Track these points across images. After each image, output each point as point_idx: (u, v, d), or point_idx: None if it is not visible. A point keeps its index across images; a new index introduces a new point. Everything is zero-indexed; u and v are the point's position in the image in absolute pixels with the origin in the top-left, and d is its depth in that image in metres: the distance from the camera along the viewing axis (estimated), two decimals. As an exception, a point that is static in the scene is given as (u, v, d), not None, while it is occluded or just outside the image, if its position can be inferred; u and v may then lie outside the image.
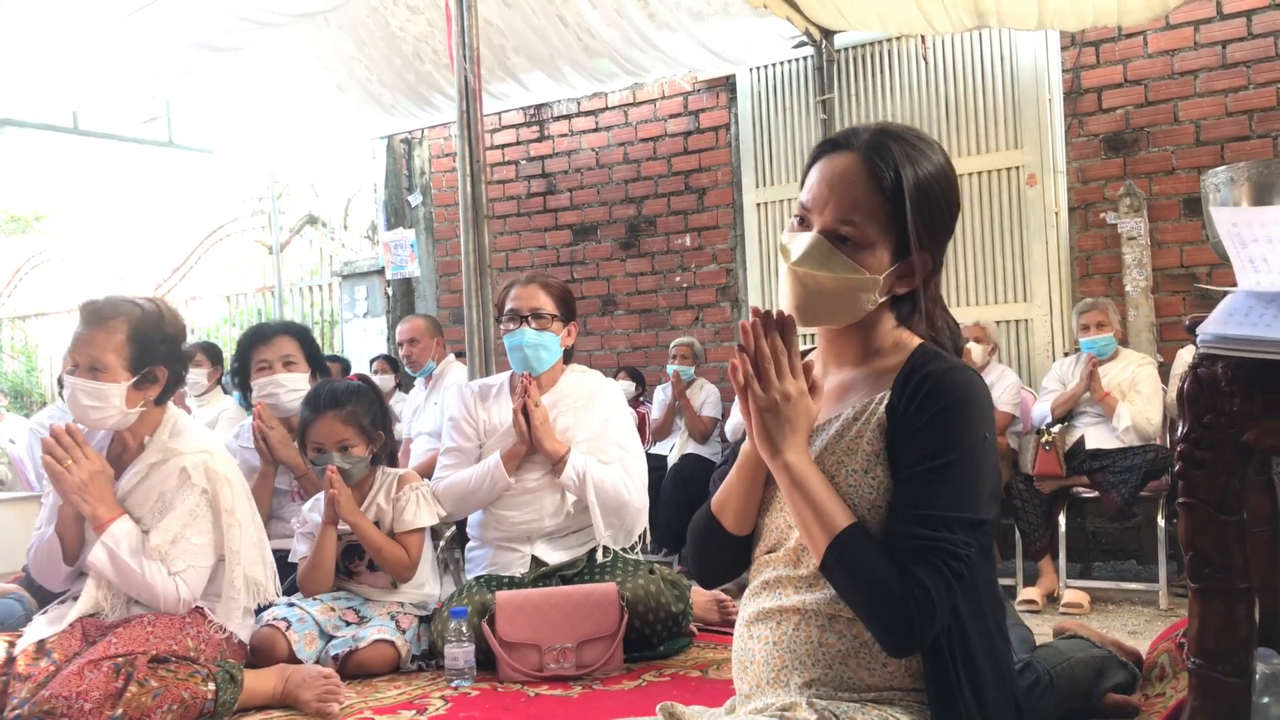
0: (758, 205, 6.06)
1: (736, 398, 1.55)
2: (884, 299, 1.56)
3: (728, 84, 6.15)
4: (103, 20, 4.74)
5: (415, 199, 7.36)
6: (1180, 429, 1.68)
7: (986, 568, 1.56)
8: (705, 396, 5.80)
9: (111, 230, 11.06)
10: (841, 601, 1.50)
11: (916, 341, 1.59)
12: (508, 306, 3.06)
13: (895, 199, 1.50)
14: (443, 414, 4.83)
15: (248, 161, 7.69)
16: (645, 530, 3.15)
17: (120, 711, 2.15)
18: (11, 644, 2.37)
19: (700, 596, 3.09)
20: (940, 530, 1.43)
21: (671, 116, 6.37)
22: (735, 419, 5.53)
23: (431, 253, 7.32)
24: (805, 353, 1.62)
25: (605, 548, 2.98)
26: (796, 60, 5.83)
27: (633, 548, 3.07)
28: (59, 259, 10.49)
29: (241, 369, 3.50)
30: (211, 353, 5.39)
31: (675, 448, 5.69)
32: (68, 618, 2.40)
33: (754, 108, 6.03)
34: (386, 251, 7.28)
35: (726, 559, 1.71)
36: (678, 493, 5.29)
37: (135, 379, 2.46)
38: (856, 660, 1.50)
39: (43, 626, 2.40)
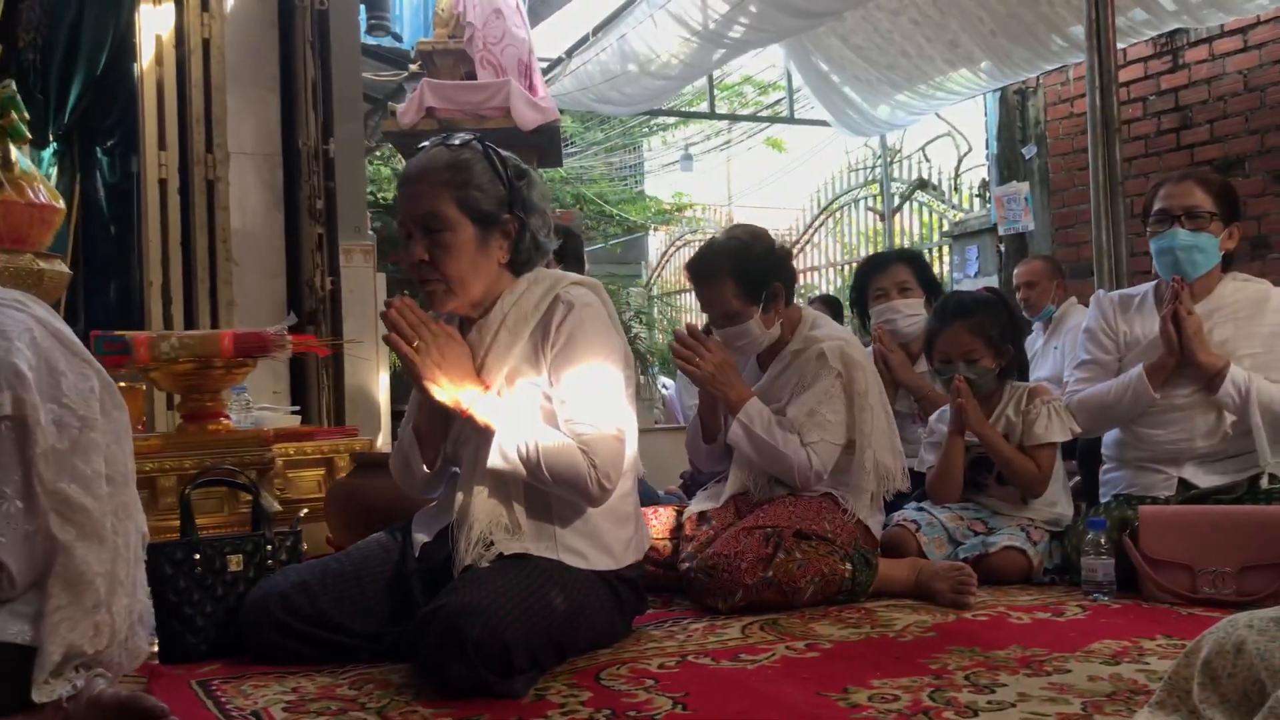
0: None
1: None
2: None
3: None
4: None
5: (1029, 151, 7.08)
6: None
7: None
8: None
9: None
10: None
11: None
12: (1156, 206, 2.78)
13: None
14: (1063, 358, 4.61)
15: (862, 130, 7.94)
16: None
17: (771, 574, 2.34)
18: (679, 512, 2.73)
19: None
20: None
21: (1342, 21, 5.40)
22: None
23: (1046, 206, 6.99)
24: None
25: (1271, 475, 2.60)
26: None
27: (1308, 479, 2.65)
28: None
29: (860, 298, 3.65)
30: (832, 305, 5.71)
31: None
32: (722, 495, 2.69)
33: None
34: (999, 207, 7.11)
35: None
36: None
37: (761, 306, 2.68)
38: None
39: (703, 500, 2.73)
